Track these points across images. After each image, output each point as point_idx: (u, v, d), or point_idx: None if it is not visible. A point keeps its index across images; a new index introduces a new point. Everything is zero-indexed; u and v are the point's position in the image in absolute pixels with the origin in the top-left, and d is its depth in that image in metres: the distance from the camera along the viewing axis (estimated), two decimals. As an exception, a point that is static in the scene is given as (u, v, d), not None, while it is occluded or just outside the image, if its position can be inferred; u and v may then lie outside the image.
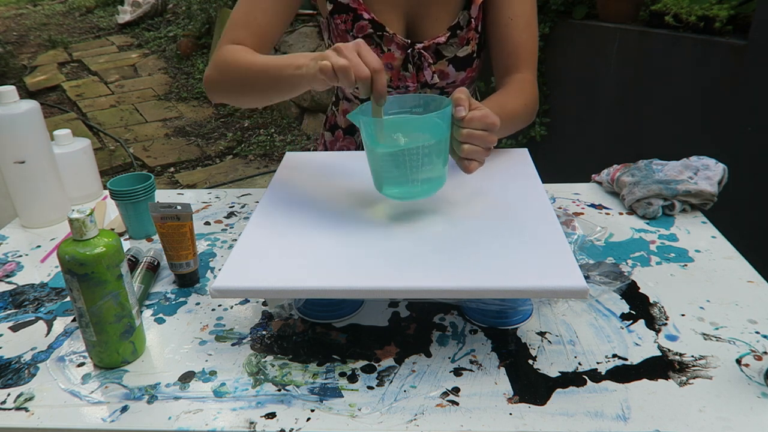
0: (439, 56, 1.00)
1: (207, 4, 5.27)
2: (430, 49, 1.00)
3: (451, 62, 1.01)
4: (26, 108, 0.95)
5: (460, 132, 0.73)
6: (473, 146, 0.73)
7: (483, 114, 0.72)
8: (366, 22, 0.97)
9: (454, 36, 0.99)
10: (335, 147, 1.18)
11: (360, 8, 0.97)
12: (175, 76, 5.19)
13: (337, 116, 1.16)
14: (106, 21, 7.06)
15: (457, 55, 1.01)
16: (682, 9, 1.89)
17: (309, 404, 0.63)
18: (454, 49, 1.00)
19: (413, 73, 1.01)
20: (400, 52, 1.00)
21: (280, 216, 0.79)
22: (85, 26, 7.06)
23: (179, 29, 5.93)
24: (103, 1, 7.67)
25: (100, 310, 0.65)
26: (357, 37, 0.98)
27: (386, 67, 1.01)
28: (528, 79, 0.99)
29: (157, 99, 4.77)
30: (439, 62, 1.01)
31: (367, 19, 0.97)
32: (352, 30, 0.98)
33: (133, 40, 6.27)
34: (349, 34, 0.99)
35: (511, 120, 0.92)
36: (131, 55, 5.85)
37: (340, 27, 0.99)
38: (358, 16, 0.97)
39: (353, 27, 0.98)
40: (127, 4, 6.77)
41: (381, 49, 1.00)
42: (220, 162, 3.68)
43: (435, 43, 0.99)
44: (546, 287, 0.62)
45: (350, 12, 0.97)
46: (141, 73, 5.35)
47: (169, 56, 5.61)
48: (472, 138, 0.72)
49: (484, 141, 0.73)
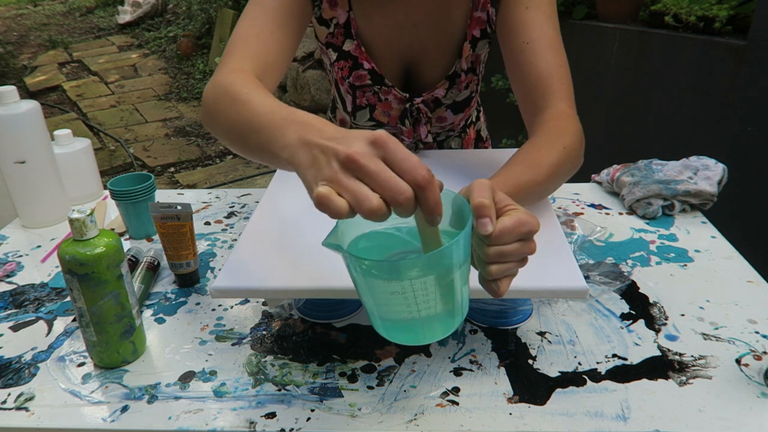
0: (438, 104, 0.98)
1: (207, 4, 5.28)
2: (429, 101, 0.97)
3: (449, 107, 0.99)
4: (26, 108, 0.95)
5: (486, 252, 0.52)
6: (504, 265, 0.52)
7: (515, 222, 0.51)
8: (365, 72, 0.93)
9: (452, 85, 0.95)
10: None
11: (361, 57, 0.93)
12: (175, 76, 5.19)
13: (335, 123, 1.16)
14: (106, 21, 7.06)
15: (456, 101, 0.98)
16: (682, 9, 1.89)
17: (309, 404, 0.63)
18: (453, 95, 0.97)
19: (409, 128, 0.99)
20: (398, 103, 0.97)
21: (280, 216, 0.79)
22: (86, 26, 7.06)
23: (179, 29, 5.93)
24: (103, 1, 7.67)
25: (100, 310, 0.65)
26: (355, 85, 0.93)
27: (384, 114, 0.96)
28: (562, 113, 0.78)
29: (157, 99, 4.77)
30: (438, 109, 0.99)
31: (367, 69, 0.93)
32: (349, 77, 0.93)
33: (133, 40, 6.27)
34: (345, 80, 0.94)
35: (550, 177, 0.70)
36: (131, 55, 5.86)
37: (338, 74, 0.95)
38: (358, 65, 0.93)
39: (350, 74, 0.93)
40: (127, 4, 6.77)
41: (378, 98, 0.97)
42: (220, 162, 3.68)
43: (434, 96, 0.96)
44: (546, 287, 0.62)
45: (350, 59, 0.93)
46: (141, 73, 5.35)
47: (169, 56, 5.62)
48: (502, 256, 0.52)
49: (518, 255, 0.52)
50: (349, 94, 0.97)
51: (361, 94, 0.96)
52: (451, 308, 0.52)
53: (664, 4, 1.96)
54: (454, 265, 0.49)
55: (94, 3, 7.72)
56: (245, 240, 0.73)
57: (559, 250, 0.67)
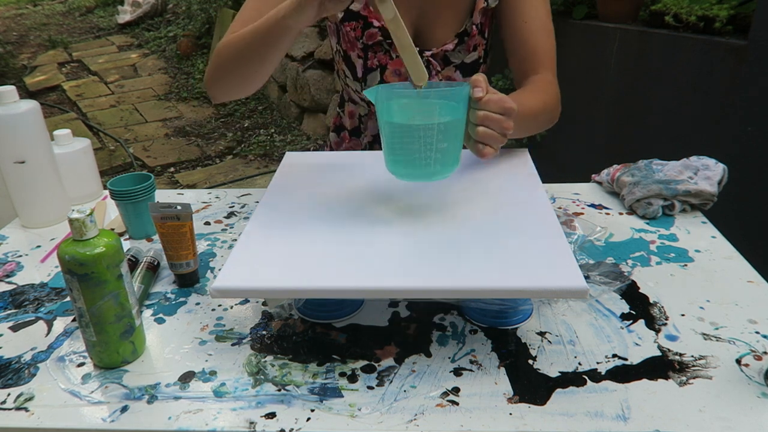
0: (447, 62, 1.01)
1: (207, 4, 5.28)
2: (438, 56, 1.00)
3: (458, 68, 1.01)
4: (26, 108, 0.95)
5: (476, 114, 0.71)
6: (488, 129, 0.72)
7: (500, 98, 0.71)
8: (376, 30, 0.98)
9: (461, 42, 0.99)
10: (341, 148, 1.18)
11: (371, 16, 0.98)
12: (175, 76, 5.19)
13: (343, 117, 1.17)
14: (106, 21, 7.06)
15: (465, 61, 1.01)
16: (682, 9, 1.89)
17: (309, 404, 0.63)
18: (461, 55, 1.00)
19: None
20: None
21: (280, 216, 0.79)
22: (85, 26, 7.06)
23: (179, 29, 5.93)
24: (103, 1, 7.67)
25: (100, 310, 0.65)
26: (367, 44, 0.99)
27: (395, 73, 1.01)
28: (547, 79, 0.97)
29: (157, 99, 4.77)
30: (447, 68, 1.01)
31: (377, 26, 0.97)
32: (362, 37, 0.99)
33: (133, 40, 6.27)
34: (359, 41, 0.99)
35: (529, 117, 0.89)
36: (131, 55, 5.86)
37: (350, 34, 0.99)
38: (368, 24, 0.98)
39: (363, 34, 0.98)
40: (127, 4, 6.77)
41: (390, 56, 1.00)
42: (220, 162, 3.68)
43: (443, 50, 0.99)
44: (546, 287, 0.62)
45: (360, 20, 0.98)
46: (141, 73, 5.35)
47: (169, 56, 5.62)
48: (488, 121, 0.71)
49: (499, 125, 0.72)
50: (360, 58, 1.00)
51: (372, 55, 0.99)
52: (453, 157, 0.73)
53: (664, 4, 1.96)
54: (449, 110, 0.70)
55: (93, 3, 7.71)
56: (245, 240, 0.73)
57: (559, 250, 0.67)
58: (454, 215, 0.78)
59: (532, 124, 0.92)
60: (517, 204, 0.80)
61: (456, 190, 0.84)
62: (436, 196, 0.82)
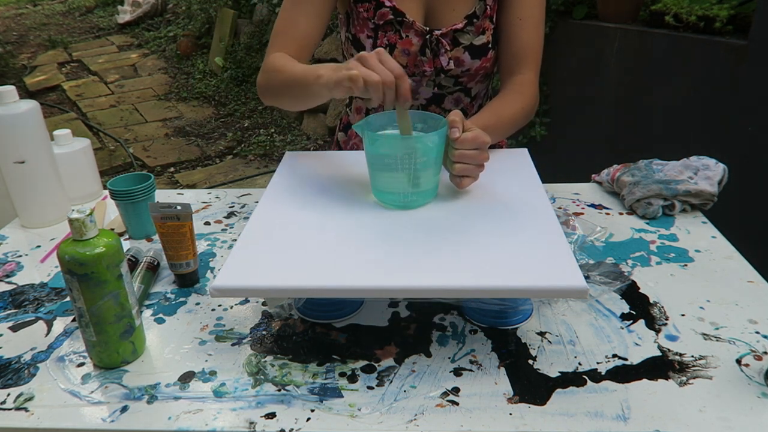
0: (456, 43, 1.02)
1: (207, 4, 5.28)
2: (448, 36, 1.02)
3: (467, 50, 1.03)
4: (26, 108, 0.95)
5: (454, 152, 0.80)
6: (465, 165, 0.80)
7: (474, 135, 0.79)
8: (387, 10, 1.00)
9: (470, 24, 1.02)
10: (348, 146, 1.20)
11: None
12: (175, 76, 5.19)
13: (351, 115, 1.18)
14: (106, 21, 7.06)
15: (473, 43, 1.02)
16: (682, 9, 1.89)
17: (309, 404, 0.63)
18: (470, 37, 1.02)
19: (430, 58, 1.03)
20: (417, 38, 1.01)
21: (279, 216, 0.79)
22: (85, 26, 7.06)
23: (179, 29, 5.93)
24: (103, 1, 7.66)
25: (100, 310, 0.65)
26: (378, 24, 1.01)
27: (403, 53, 1.03)
28: (529, 80, 1.03)
29: (157, 99, 4.77)
30: (456, 49, 1.03)
31: (389, 6, 1.00)
32: (374, 17, 1.01)
33: (133, 40, 6.27)
34: (370, 21, 1.01)
35: (507, 126, 0.98)
36: (131, 55, 5.85)
37: (362, 15, 1.02)
38: (380, 5, 1.00)
39: (375, 15, 1.01)
40: (127, 4, 6.77)
41: (399, 36, 1.02)
42: (220, 162, 3.67)
43: (452, 30, 1.01)
44: (546, 287, 0.62)
45: (372, 1, 1.00)
46: (141, 73, 5.35)
47: (169, 56, 5.61)
48: (464, 158, 0.80)
49: (475, 159, 0.80)
50: (370, 38, 1.03)
51: (382, 35, 1.02)
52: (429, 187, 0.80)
53: (664, 4, 1.96)
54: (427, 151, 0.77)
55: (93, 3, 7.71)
56: (245, 240, 0.73)
57: (559, 250, 0.67)
58: (455, 215, 0.78)
59: (511, 129, 1.01)
60: (517, 204, 0.80)
61: (456, 190, 0.84)
62: (436, 197, 0.82)
